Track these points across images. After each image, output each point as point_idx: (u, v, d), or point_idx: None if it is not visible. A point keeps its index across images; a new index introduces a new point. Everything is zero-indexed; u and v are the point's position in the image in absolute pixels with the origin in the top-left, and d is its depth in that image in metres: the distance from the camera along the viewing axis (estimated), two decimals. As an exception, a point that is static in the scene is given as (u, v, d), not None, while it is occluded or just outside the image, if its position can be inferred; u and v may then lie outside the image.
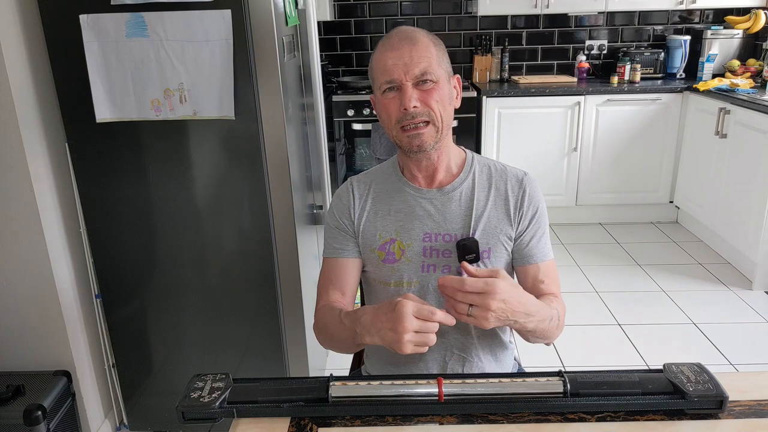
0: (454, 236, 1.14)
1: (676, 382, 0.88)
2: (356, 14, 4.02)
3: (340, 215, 1.21)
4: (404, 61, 1.06)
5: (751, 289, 2.93)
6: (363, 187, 1.22)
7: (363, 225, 1.19)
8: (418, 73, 1.06)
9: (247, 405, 0.89)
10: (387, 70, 1.07)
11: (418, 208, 1.16)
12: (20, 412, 1.58)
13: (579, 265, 3.25)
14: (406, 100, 1.06)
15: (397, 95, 1.08)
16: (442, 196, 1.16)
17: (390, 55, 1.07)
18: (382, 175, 1.23)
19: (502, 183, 1.18)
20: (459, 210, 1.15)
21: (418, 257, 1.15)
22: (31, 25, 1.62)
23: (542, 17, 4.01)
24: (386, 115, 1.10)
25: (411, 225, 1.16)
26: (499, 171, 1.20)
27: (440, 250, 1.14)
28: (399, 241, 1.16)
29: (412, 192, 1.17)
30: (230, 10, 1.56)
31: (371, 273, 1.21)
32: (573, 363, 2.36)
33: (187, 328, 1.91)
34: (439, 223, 1.15)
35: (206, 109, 1.65)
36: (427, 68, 1.07)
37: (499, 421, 0.86)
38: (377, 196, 1.20)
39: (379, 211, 1.18)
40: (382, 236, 1.17)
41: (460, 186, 1.17)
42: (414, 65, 1.06)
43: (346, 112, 3.57)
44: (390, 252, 1.16)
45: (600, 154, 3.69)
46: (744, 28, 3.71)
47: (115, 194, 1.76)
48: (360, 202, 1.20)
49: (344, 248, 1.20)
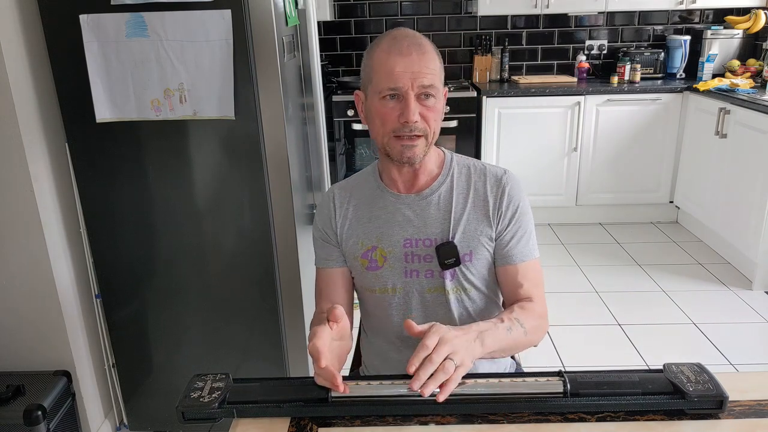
0: (434, 240, 1.13)
1: (676, 382, 0.88)
2: (356, 14, 4.03)
3: (323, 225, 1.20)
4: (413, 70, 1.02)
5: (751, 289, 2.93)
6: (344, 194, 1.21)
7: (345, 233, 1.18)
8: (426, 85, 1.03)
9: (247, 405, 0.89)
10: (394, 76, 1.02)
11: (398, 214, 1.15)
12: (20, 412, 1.58)
13: (579, 265, 3.25)
14: (409, 113, 1.02)
15: (397, 104, 1.04)
16: (420, 201, 1.15)
17: (398, 60, 1.02)
18: (362, 182, 1.21)
19: (480, 183, 1.16)
20: (438, 214, 1.14)
21: (400, 263, 1.14)
22: (31, 25, 1.62)
23: (542, 17, 4.01)
24: (380, 121, 1.07)
25: (391, 231, 1.15)
26: (479, 171, 1.17)
27: (421, 255, 1.14)
28: (380, 248, 1.15)
29: (391, 198, 1.16)
30: (230, 10, 1.56)
31: (357, 280, 1.21)
32: (573, 363, 2.36)
33: (187, 328, 1.91)
34: (419, 228, 1.14)
35: (206, 109, 1.65)
36: (432, 82, 1.04)
37: (499, 421, 0.86)
38: (357, 204, 1.19)
39: (361, 219, 1.18)
40: (363, 244, 1.16)
41: (438, 190, 1.15)
42: (422, 76, 1.02)
43: (346, 112, 3.57)
44: (372, 259, 1.15)
45: (600, 154, 3.69)
46: (744, 28, 3.71)
47: (115, 194, 1.76)
48: (341, 211, 1.19)
49: (329, 258, 1.20)
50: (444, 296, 1.15)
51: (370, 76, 1.07)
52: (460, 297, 1.15)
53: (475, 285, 1.16)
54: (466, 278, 1.14)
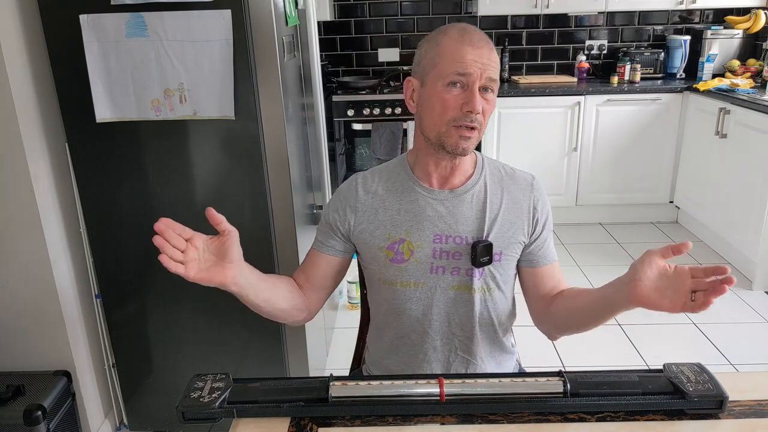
0: (465, 239, 1.13)
1: (676, 382, 0.88)
2: (356, 14, 4.03)
3: (335, 211, 1.19)
4: (483, 62, 1.03)
5: (751, 289, 2.93)
6: (370, 184, 1.19)
7: (367, 223, 1.16)
8: (493, 78, 1.05)
9: (247, 405, 0.89)
10: (465, 62, 1.02)
11: (429, 209, 1.14)
12: (20, 412, 1.58)
13: (579, 265, 3.25)
14: (475, 102, 1.03)
15: (461, 93, 1.04)
16: (454, 198, 1.15)
17: (470, 49, 1.03)
18: (390, 173, 1.20)
19: (514, 187, 1.17)
20: (471, 212, 1.14)
21: (428, 259, 1.14)
22: (31, 25, 1.62)
23: (542, 17, 4.01)
24: (441, 108, 1.05)
25: (421, 226, 1.14)
26: (509, 174, 1.19)
27: (450, 252, 1.13)
28: (408, 241, 1.14)
29: (422, 192, 1.15)
30: (230, 10, 1.56)
31: (376, 272, 1.18)
32: (573, 363, 2.36)
33: (187, 328, 1.91)
34: (450, 225, 1.14)
35: (206, 109, 1.65)
36: (496, 77, 1.06)
37: (499, 421, 0.86)
38: (386, 194, 1.17)
39: (388, 210, 1.16)
40: (391, 235, 1.15)
41: (472, 188, 1.15)
42: (490, 70, 1.04)
43: (346, 112, 3.57)
44: (399, 252, 1.14)
45: (600, 154, 3.69)
46: (744, 28, 3.71)
47: (115, 194, 1.76)
48: (365, 199, 1.17)
49: (325, 244, 1.20)
50: (469, 294, 1.15)
51: (435, 62, 1.06)
52: (484, 297, 1.16)
53: (500, 286, 1.17)
54: (493, 278, 1.16)
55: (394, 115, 3.53)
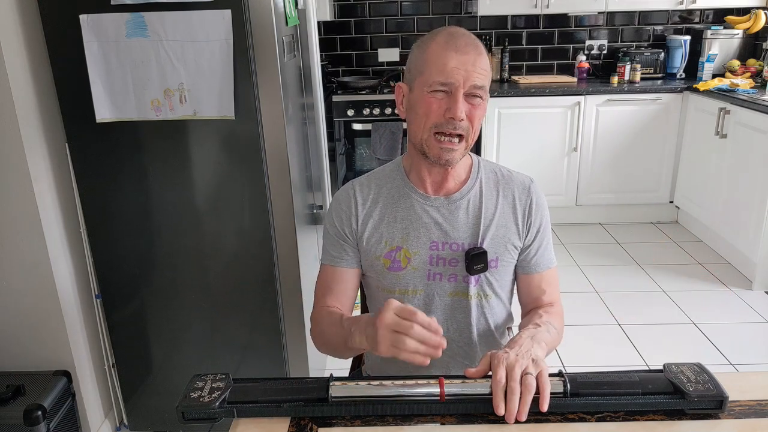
0: (461, 245, 1.13)
1: (676, 382, 0.88)
2: (356, 14, 4.02)
3: (340, 222, 1.17)
4: (467, 68, 1.01)
5: (751, 289, 2.93)
6: (366, 191, 1.17)
7: (367, 231, 1.15)
8: (478, 85, 1.02)
9: (247, 405, 0.89)
10: (448, 70, 1.01)
11: (425, 216, 1.14)
12: (20, 412, 1.58)
13: (579, 265, 3.25)
14: (456, 109, 1.01)
15: (445, 99, 1.03)
16: (449, 204, 1.14)
17: (454, 56, 1.01)
18: (386, 178, 1.18)
19: (509, 191, 1.16)
20: (466, 219, 1.13)
21: (425, 266, 1.13)
22: (31, 25, 1.62)
23: (542, 17, 4.01)
24: (424, 112, 1.04)
25: (417, 233, 1.13)
26: (506, 177, 1.17)
27: (447, 259, 1.13)
28: (405, 249, 1.13)
29: (418, 199, 1.14)
30: (230, 10, 1.56)
31: (374, 280, 1.18)
32: (573, 363, 2.36)
33: (187, 328, 1.91)
34: (446, 232, 1.13)
35: (206, 109, 1.65)
36: (483, 83, 1.03)
37: (499, 421, 0.86)
38: (382, 202, 1.16)
39: (385, 218, 1.15)
40: (388, 243, 1.14)
41: (467, 194, 1.14)
42: (475, 76, 1.01)
43: (346, 112, 3.57)
44: (396, 260, 1.14)
45: (600, 154, 3.69)
46: (744, 28, 3.71)
47: (115, 194, 1.76)
48: (363, 207, 1.16)
49: (342, 257, 1.17)
50: (466, 301, 1.15)
51: (421, 69, 1.05)
52: (480, 303, 1.16)
53: (496, 291, 1.17)
54: (489, 284, 1.15)
55: (394, 115, 3.53)
